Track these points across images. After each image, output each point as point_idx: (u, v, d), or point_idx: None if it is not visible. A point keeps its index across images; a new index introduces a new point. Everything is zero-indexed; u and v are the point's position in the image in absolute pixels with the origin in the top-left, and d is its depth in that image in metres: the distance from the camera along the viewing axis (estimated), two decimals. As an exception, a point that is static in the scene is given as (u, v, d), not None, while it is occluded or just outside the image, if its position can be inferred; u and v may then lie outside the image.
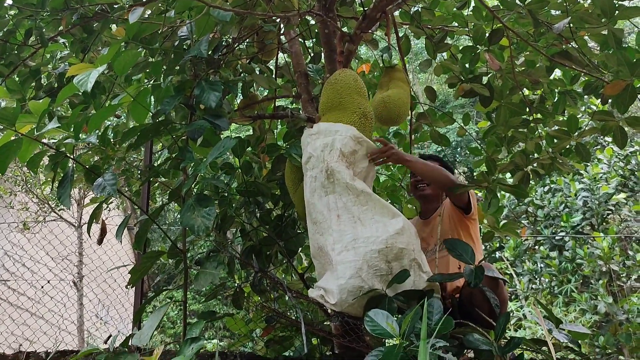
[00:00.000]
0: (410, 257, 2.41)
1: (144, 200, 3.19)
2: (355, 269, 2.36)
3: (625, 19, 3.04)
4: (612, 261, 8.21)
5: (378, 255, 2.36)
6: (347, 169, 2.53)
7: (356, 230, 2.43)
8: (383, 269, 2.36)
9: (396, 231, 2.40)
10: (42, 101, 2.23)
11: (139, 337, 2.05)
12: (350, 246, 2.41)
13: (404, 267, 2.38)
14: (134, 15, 1.93)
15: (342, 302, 2.37)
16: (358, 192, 2.49)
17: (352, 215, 2.46)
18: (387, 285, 2.35)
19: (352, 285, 2.35)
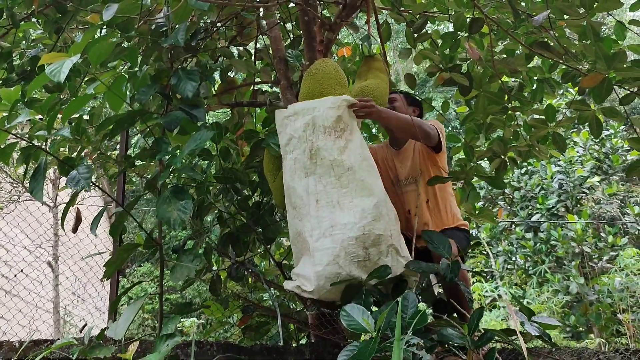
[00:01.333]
0: (388, 242, 2.43)
1: (119, 191, 3.15)
2: (333, 256, 2.37)
3: (604, 11, 3.05)
4: (585, 243, 8.39)
5: (355, 242, 2.37)
6: (336, 142, 2.49)
7: (334, 216, 2.43)
8: (360, 255, 2.38)
9: (373, 217, 2.41)
10: (14, 89, 2.18)
11: (115, 329, 2.04)
12: (328, 233, 2.41)
13: (381, 253, 2.40)
14: (108, 13, 1.88)
15: (319, 288, 2.39)
16: (343, 171, 2.46)
17: (330, 200, 2.46)
18: (367, 276, 2.37)
19: (329, 271, 2.37)
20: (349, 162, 2.47)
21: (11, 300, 7.21)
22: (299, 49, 3.61)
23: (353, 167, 2.46)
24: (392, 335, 1.94)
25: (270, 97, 3.65)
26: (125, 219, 2.31)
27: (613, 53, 2.81)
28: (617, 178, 9.59)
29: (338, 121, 2.50)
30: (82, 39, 2.09)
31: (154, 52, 2.67)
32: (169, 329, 1.86)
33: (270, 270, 3.57)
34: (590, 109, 3.27)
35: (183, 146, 2.86)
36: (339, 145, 2.48)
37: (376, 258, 2.39)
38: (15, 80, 3.20)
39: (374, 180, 2.49)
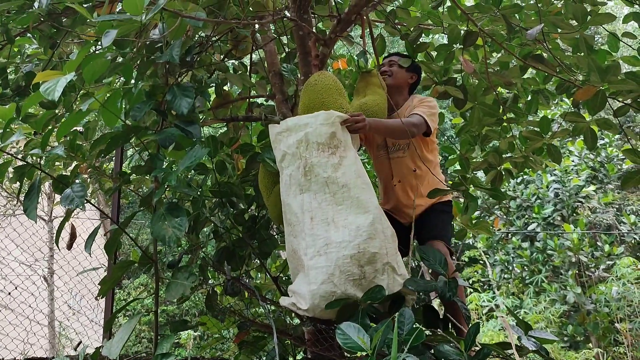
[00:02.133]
0: (384, 260, 2.40)
1: (114, 208, 3.14)
2: (327, 275, 2.35)
3: (596, 25, 3.07)
4: (582, 252, 8.39)
5: (350, 260, 2.35)
6: (330, 158, 2.47)
7: (329, 234, 2.41)
8: (356, 274, 2.35)
9: (369, 235, 2.38)
10: (8, 107, 2.17)
11: (110, 348, 2.02)
12: (323, 251, 2.39)
13: (377, 271, 2.38)
14: (107, 39, 1.88)
15: (314, 307, 2.37)
16: (338, 188, 2.44)
17: (325, 217, 2.44)
18: (363, 295, 2.35)
19: (324, 290, 2.35)
20: (344, 180, 2.45)
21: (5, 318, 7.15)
22: (294, 63, 3.62)
23: (348, 184, 2.44)
24: (388, 352, 1.93)
25: (265, 110, 3.66)
26: (120, 235, 2.30)
27: (607, 66, 2.82)
28: (613, 187, 9.61)
29: (332, 137, 2.49)
30: (77, 56, 2.09)
31: (149, 68, 2.67)
32: (164, 348, 1.84)
33: (266, 285, 3.55)
34: (584, 121, 3.28)
35: (178, 162, 2.86)
36: (332, 162, 2.46)
37: (372, 276, 2.36)
38: (10, 96, 3.19)
39: (369, 197, 2.46)
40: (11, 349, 6.44)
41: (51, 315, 7.69)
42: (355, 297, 2.35)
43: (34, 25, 3.11)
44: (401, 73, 3.28)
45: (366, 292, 2.34)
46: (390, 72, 3.26)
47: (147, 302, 11.85)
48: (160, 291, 2.30)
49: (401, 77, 3.29)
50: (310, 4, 3.19)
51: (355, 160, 2.52)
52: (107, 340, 2.14)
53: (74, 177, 2.28)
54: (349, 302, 2.35)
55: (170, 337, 1.90)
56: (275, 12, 2.96)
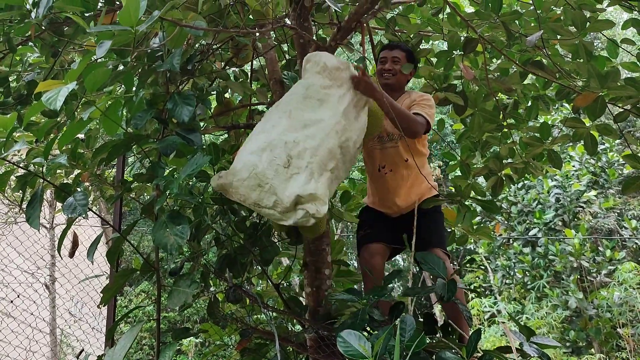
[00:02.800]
0: (310, 158, 2.37)
1: (116, 216, 3.15)
2: (259, 149, 2.36)
3: (595, 31, 3.09)
4: (583, 257, 8.39)
5: (284, 145, 2.36)
6: (321, 80, 2.58)
7: (280, 120, 2.46)
8: (282, 159, 2.33)
9: (309, 135, 2.41)
10: (10, 116, 2.18)
11: (112, 357, 2.03)
12: (267, 129, 2.44)
13: (300, 167, 2.34)
14: (101, 50, 1.90)
15: (235, 171, 2.35)
16: (312, 96, 2.54)
17: (286, 107, 2.51)
18: (278, 186, 2.31)
19: (249, 160, 2.34)
20: (319, 95, 2.55)
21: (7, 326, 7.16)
22: (295, 70, 3.63)
23: (322, 99, 2.55)
24: (390, 359, 1.94)
25: (266, 118, 3.66)
26: (122, 244, 2.31)
27: (606, 72, 2.83)
28: (614, 192, 9.61)
29: (337, 69, 2.61)
30: (78, 65, 2.10)
31: (150, 76, 2.68)
32: (167, 357, 1.84)
33: (267, 292, 3.55)
34: (584, 127, 3.29)
35: (179, 170, 2.87)
36: (322, 83, 2.57)
37: (295, 171, 2.32)
38: (12, 105, 3.21)
39: (330, 120, 2.51)
40: (14, 357, 6.44)
41: (53, 323, 7.68)
42: (270, 184, 2.30)
43: (36, 34, 3.12)
44: (403, 72, 3.28)
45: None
46: (394, 71, 3.24)
47: (148, 309, 11.85)
48: (162, 298, 2.30)
49: (402, 77, 3.30)
50: (310, 11, 3.20)
51: (337, 104, 2.57)
52: (109, 348, 2.14)
53: (76, 185, 2.29)
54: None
55: (172, 345, 1.90)
56: (276, 20, 2.98)
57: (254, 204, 2.35)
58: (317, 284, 2.91)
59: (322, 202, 2.33)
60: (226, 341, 3.47)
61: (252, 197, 2.34)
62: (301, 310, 2.96)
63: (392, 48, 3.32)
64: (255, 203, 2.34)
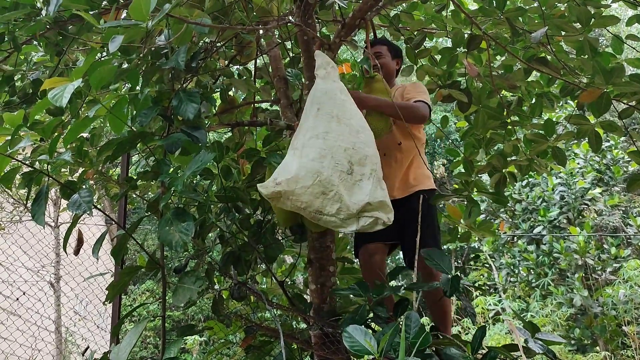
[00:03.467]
0: (373, 167, 2.41)
1: (121, 213, 3.16)
2: (320, 155, 2.36)
3: (600, 27, 3.08)
4: (588, 255, 8.36)
5: (344, 152, 2.37)
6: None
7: (331, 125, 2.45)
8: (345, 166, 2.35)
9: (365, 141, 2.44)
10: (16, 113, 2.19)
11: (117, 353, 2.03)
12: (322, 136, 2.42)
13: (364, 175, 2.37)
14: (113, 45, 1.90)
15: (296, 178, 2.32)
16: (346, 99, 2.56)
17: (331, 111, 2.49)
18: (346, 194, 2.34)
19: (312, 166, 2.33)
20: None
21: (13, 324, 7.19)
22: (299, 68, 3.64)
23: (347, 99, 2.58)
24: (395, 355, 1.94)
25: (270, 115, 3.67)
26: (127, 241, 2.31)
27: (611, 68, 2.83)
28: (619, 189, 9.58)
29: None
30: (83, 63, 2.11)
31: (155, 74, 2.69)
32: (172, 353, 1.85)
33: (272, 289, 3.56)
34: (589, 123, 3.28)
35: (184, 167, 2.87)
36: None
37: (358, 177, 2.36)
38: (17, 103, 3.22)
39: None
40: (20, 354, 6.47)
41: (58, 321, 7.71)
42: (335, 191, 2.31)
43: (41, 33, 3.13)
44: (389, 64, 3.33)
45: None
46: (379, 65, 3.23)
47: (152, 307, 11.88)
48: (167, 296, 2.31)
49: (390, 68, 3.34)
50: (314, 9, 3.20)
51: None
52: (114, 345, 2.15)
53: (81, 183, 2.30)
54: (327, 192, 2.33)
55: (177, 342, 1.91)
56: (280, 18, 2.98)
57: (316, 212, 2.34)
58: (322, 281, 2.91)
59: (389, 209, 2.38)
60: (230, 339, 3.48)
61: (315, 204, 2.33)
62: (306, 307, 2.97)
63: (372, 45, 3.32)
64: (317, 210, 2.34)
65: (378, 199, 2.33)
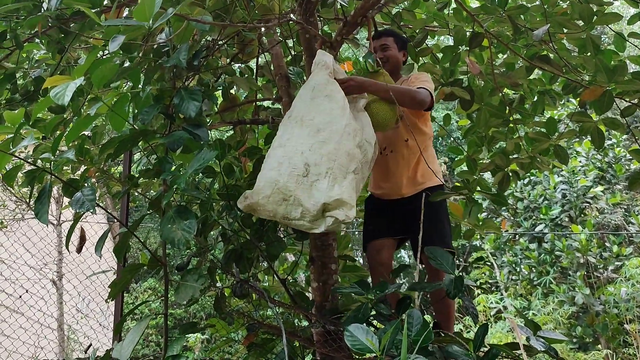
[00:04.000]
0: (329, 164, 2.39)
1: (123, 211, 3.16)
2: (277, 163, 2.40)
3: (603, 24, 3.07)
4: (590, 253, 8.36)
5: (300, 155, 2.39)
6: (325, 76, 2.61)
7: (293, 130, 2.48)
8: (300, 169, 2.36)
9: (324, 139, 2.42)
10: (17, 111, 2.19)
11: (120, 351, 2.04)
12: (283, 144, 2.47)
13: (319, 174, 2.37)
14: (114, 44, 1.90)
15: (258, 190, 2.39)
16: (319, 94, 2.55)
17: (297, 115, 2.53)
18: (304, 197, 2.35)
19: (270, 176, 2.38)
20: (327, 91, 2.57)
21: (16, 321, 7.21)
22: (301, 66, 3.63)
23: (330, 95, 2.56)
24: (397, 353, 1.94)
25: (272, 114, 3.67)
26: (129, 238, 2.31)
27: (614, 66, 2.82)
28: (621, 187, 9.57)
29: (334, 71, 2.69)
30: (85, 61, 2.11)
31: (157, 72, 2.69)
32: (175, 350, 1.85)
33: (274, 287, 3.56)
34: (591, 121, 3.27)
35: (186, 164, 2.87)
36: (328, 79, 2.60)
37: (314, 178, 2.35)
38: (19, 101, 3.22)
39: (337, 119, 2.51)
40: (22, 352, 6.48)
41: (60, 319, 7.73)
42: (294, 194, 2.33)
43: (42, 30, 3.13)
44: (396, 56, 3.26)
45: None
46: (385, 58, 3.22)
47: (154, 305, 11.90)
48: (169, 294, 2.31)
49: (396, 60, 3.28)
50: (316, 7, 3.20)
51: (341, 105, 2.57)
52: (117, 342, 2.15)
53: (84, 181, 2.30)
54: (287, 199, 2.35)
55: (180, 339, 1.91)
56: (281, 16, 2.98)
57: (283, 218, 2.39)
58: (324, 279, 2.92)
59: (349, 206, 2.36)
60: (232, 336, 3.48)
61: (279, 211, 2.37)
62: (308, 305, 2.97)
63: (378, 37, 3.28)
64: (284, 217, 2.38)
65: (334, 198, 2.31)
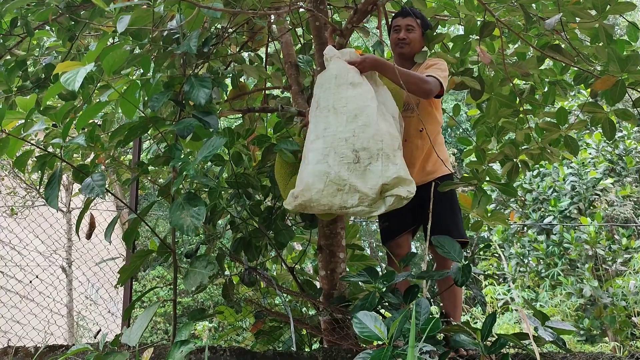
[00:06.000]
0: (378, 145, 2.41)
1: (132, 198, 3.17)
2: (323, 155, 2.41)
3: (616, 13, 3.04)
4: (599, 245, 8.31)
5: (345, 143, 2.40)
6: (343, 64, 2.61)
7: (328, 120, 2.48)
8: (350, 157, 2.38)
9: (364, 122, 2.43)
10: (29, 97, 2.20)
11: (129, 336, 2.05)
12: (321, 135, 2.47)
13: (371, 157, 2.39)
14: (121, 24, 1.90)
15: (309, 186, 2.40)
16: (343, 81, 2.54)
17: (327, 104, 2.52)
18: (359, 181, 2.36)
19: (318, 170, 2.40)
20: (351, 79, 2.56)
21: (26, 306, 7.29)
22: (310, 54, 3.62)
23: (354, 81, 2.55)
24: (404, 341, 1.94)
25: (281, 102, 3.67)
26: (138, 225, 2.33)
27: (626, 55, 2.79)
28: (631, 180, 9.49)
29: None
30: (95, 47, 2.12)
31: (167, 59, 2.69)
32: (183, 335, 1.87)
33: (282, 275, 3.57)
34: (603, 112, 3.25)
35: (196, 152, 2.88)
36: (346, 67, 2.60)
37: (366, 163, 2.37)
38: (30, 88, 3.24)
39: (370, 98, 2.53)
40: (32, 336, 6.56)
41: (70, 305, 7.80)
42: (348, 182, 2.36)
43: (53, 18, 3.14)
44: (418, 40, 3.15)
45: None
46: (408, 40, 3.11)
47: (162, 293, 11.98)
48: (178, 281, 2.32)
49: (419, 45, 3.17)
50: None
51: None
52: (126, 327, 2.17)
53: (94, 167, 2.31)
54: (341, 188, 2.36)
55: (188, 325, 1.93)
56: (292, 3, 2.96)
57: (340, 209, 2.41)
58: (332, 267, 2.92)
59: (408, 181, 2.39)
60: (240, 324, 3.50)
61: (335, 203, 2.39)
62: (315, 293, 2.98)
63: (404, 15, 3.16)
64: (340, 207, 2.40)
65: (392, 177, 2.35)
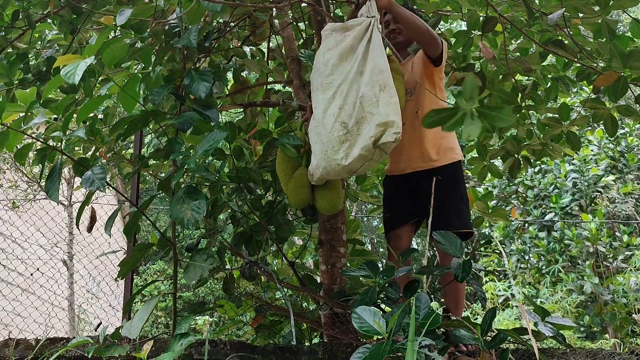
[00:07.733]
0: (365, 110, 2.44)
1: (133, 191, 3.17)
2: (316, 134, 2.53)
3: (619, 9, 3.02)
4: (600, 242, 8.31)
5: (334, 117, 2.48)
6: (332, 40, 2.64)
7: (317, 99, 2.57)
8: (338, 129, 2.45)
9: (346, 92, 2.49)
10: (29, 90, 2.20)
11: (129, 328, 2.06)
12: (314, 116, 2.59)
13: (358, 122, 2.43)
14: (122, 17, 1.90)
15: (317, 165, 2.52)
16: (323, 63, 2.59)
17: (316, 84, 2.59)
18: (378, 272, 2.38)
19: (317, 149, 2.52)
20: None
21: (27, 299, 7.31)
22: (312, 49, 3.61)
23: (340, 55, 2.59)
24: (404, 336, 1.94)
25: (283, 96, 3.66)
26: (139, 218, 2.33)
27: (629, 51, 2.78)
28: (633, 177, 9.48)
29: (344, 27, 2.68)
30: (96, 40, 2.11)
31: (167, 53, 2.69)
32: (183, 328, 1.87)
33: (282, 270, 3.58)
34: (605, 107, 3.24)
35: (196, 146, 2.88)
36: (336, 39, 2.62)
37: (355, 128, 2.41)
38: (31, 81, 3.23)
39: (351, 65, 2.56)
40: (33, 329, 6.58)
41: (71, 299, 7.82)
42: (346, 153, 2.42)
43: (54, 10, 3.14)
44: None
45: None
46: (399, 30, 3.15)
47: (163, 287, 12.00)
48: (178, 275, 2.32)
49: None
50: (328, -12, 3.17)
51: None
52: (126, 320, 2.17)
53: (94, 159, 2.31)
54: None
55: (188, 318, 1.93)
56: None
57: (350, 173, 2.51)
58: (332, 262, 2.92)
59: (391, 122, 2.39)
60: (241, 318, 3.51)
61: (343, 171, 2.47)
62: (316, 288, 2.98)
63: None
64: (350, 172, 2.49)
65: (374, 129, 2.37)
